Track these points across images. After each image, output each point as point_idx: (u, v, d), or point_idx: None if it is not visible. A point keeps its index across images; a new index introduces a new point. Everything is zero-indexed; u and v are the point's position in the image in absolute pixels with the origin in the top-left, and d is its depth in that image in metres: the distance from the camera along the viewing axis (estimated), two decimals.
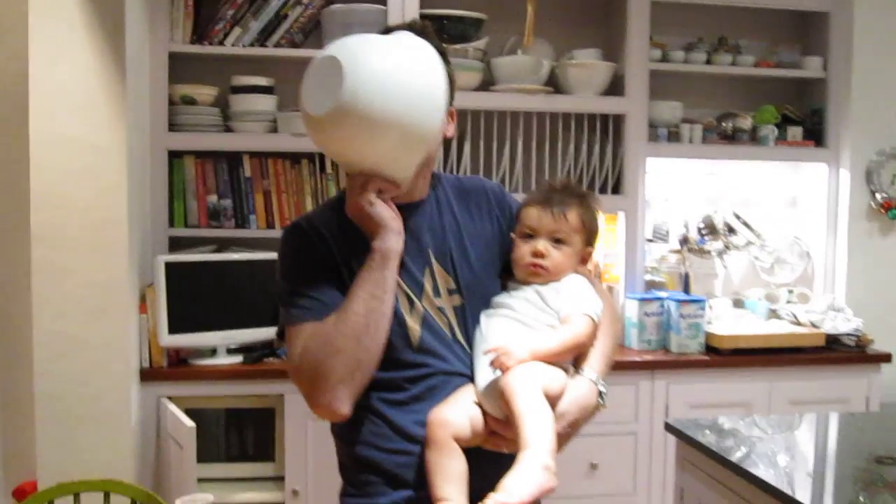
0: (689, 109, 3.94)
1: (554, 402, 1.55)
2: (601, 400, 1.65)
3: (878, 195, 3.94)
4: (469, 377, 1.65)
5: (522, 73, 3.64)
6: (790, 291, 3.98)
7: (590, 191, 1.82)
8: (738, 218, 3.97)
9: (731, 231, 3.95)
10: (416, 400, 1.62)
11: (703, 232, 3.95)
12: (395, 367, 1.63)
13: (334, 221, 1.70)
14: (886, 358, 3.67)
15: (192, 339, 3.26)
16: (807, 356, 3.63)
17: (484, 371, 1.60)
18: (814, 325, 3.73)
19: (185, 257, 3.32)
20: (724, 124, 3.95)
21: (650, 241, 3.95)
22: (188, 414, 2.94)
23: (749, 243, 3.96)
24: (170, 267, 3.20)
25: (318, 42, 3.58)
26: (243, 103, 3.52)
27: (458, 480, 1.53)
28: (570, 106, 3.70)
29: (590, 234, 1.76)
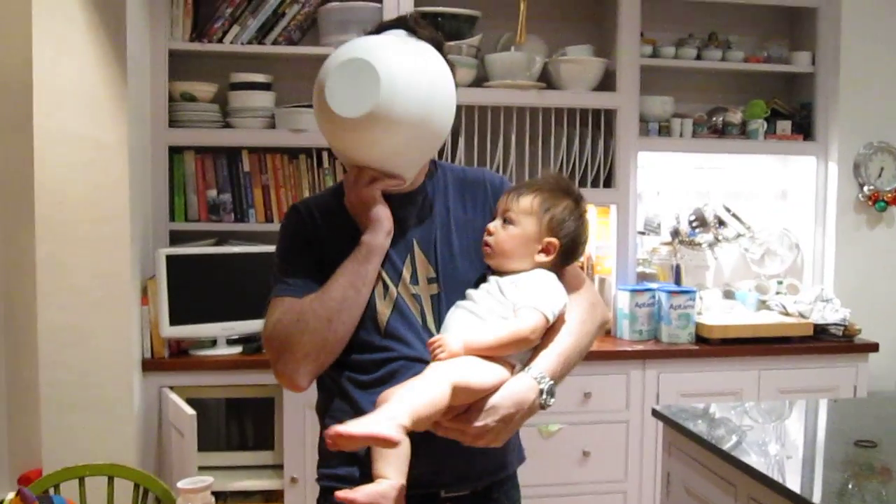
0: (679, 104, 4.00)
1: (480, 396, 1.56)
2: (545, 398, 1.62)
3: (866, 188, 4.01)
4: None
5: (515, 70, 3.70)
6: (780, 282, 4.04)
7: (576, 192, 1.78)
8: (728, 210, 4.04)
9: (722, 223, 4.01)
10: (379, 383, 1.66)
11: (694, 224, 4.02)
12: (363, 349, 1.69)
13: (331, 207, 1.77)
14: (874, 347, 3.74)
15: (192, 331, 3.32)
16: (795, 346, 3.70)
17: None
18: (802, 316, 3.79)
19: (185, 250, 3.38)
20: (714, 119, 4.01)
21: (642, 233, 4.01)
22: (189, 403, 3.01)
23: (739, 235, 4.03)
24: (171, 260, 3.27)
25: (315, 39, 3.65)
26: (242, 100, 3.58)
27: (397, 461, 1.53)
28: (563, 101, 3.76)
29: (553, 225, 1.71)
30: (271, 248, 1.84)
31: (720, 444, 2.31)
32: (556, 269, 1.75)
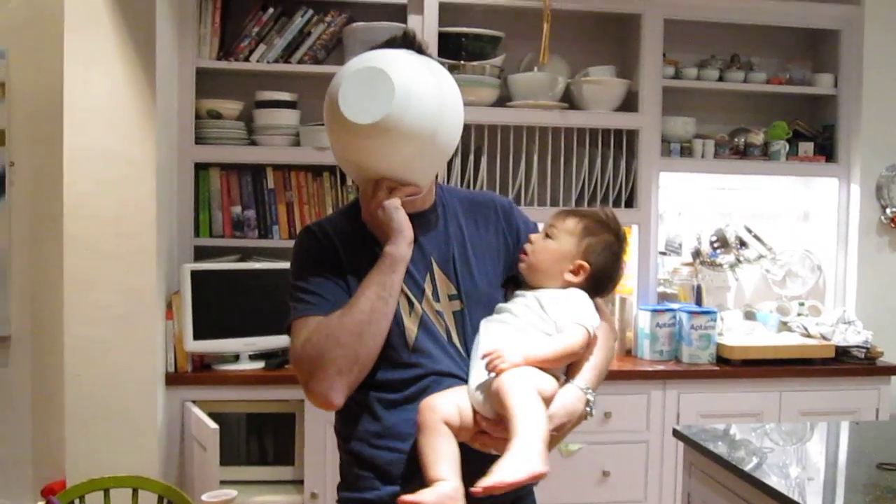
0: (701, 125, 4.02)
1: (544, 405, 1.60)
2: (589, 409, 1.69)
3: (889, 210, 3.99)
4: (462, 379, 1.70)
5: (538, 90, 3.73)
6: (801, 304, 4.03)
7: (620, 232, 1.83)
8: (749, 232, 4.04)
9: (743, 244, 4.01)
10: (409, 400, 1.67)
11: (716, 245, 4.01)
12: (392, 367, 1.69)
13: (345, 227, 1.78)
14: (895, 370, 3.72)
15: (215, 345, 3.35)
16: (817, 368, 3.68)
17: (477, 372, 1.65)
18: (824, 338, 3.78)
19: (210, 266, 3.42)
20: (736, 140, 4.02)
21: (663, 253, 4.02)
22: (211, 418, 3.03)
23: (760, 256, 4.02)
24: (195, 275, 3.31)
25: (340, 58, 3.68)
26: (267, 117, 3.63)
27: (450, 460, 1.55)
28: (585, 121, 3.78)
29: (587, 251, 1.77)
30: None
31: (741, 465, 2.30)
32: None
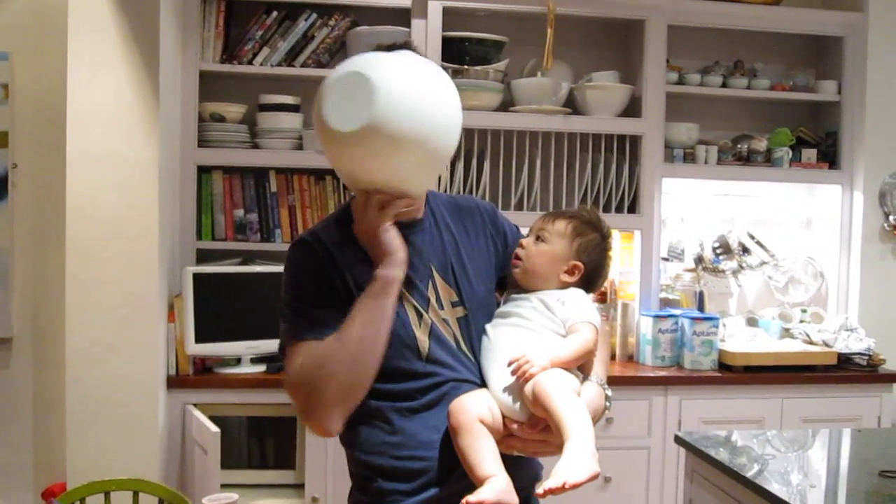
0: (704, 131, 4.01)
1: None
2: (608, 403, 1.73)
3: (891, 217, 3.98)
4: (477, 385, 1.71)
5: (541, 95, 3.73)
6: (804, 311, 4.02)
7: (605, 229, 1.86)
8: (752, 238, 4.03)
9: (746, 251, 4.00)
10: (428, 407, 1.67)
11: (718, 251, 4.01)
12: (406, 377, 1.68)
13: (339, 237, 1.72)
14: None
15: (217, 349, 3.35)
16: (819, 375, 3.68)
17: (502, 377, 1.66)
18: (826, 345, 3.77)
19: (212, 269, 3.42)
20: (739, 146, 4.02)
21: (665, 259, 4.01)
22: (212, 421, 3.03)
23: (763, 263, 4.01)
24: (197, 278, 3.31)
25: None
26: (270, 121, 3.63)
27: (495, 456, 1.58)
28: (588, 127, 3.77)
29: (580, 251, 1.80)
30: None
31: (743, 471, 2.30)
32: None
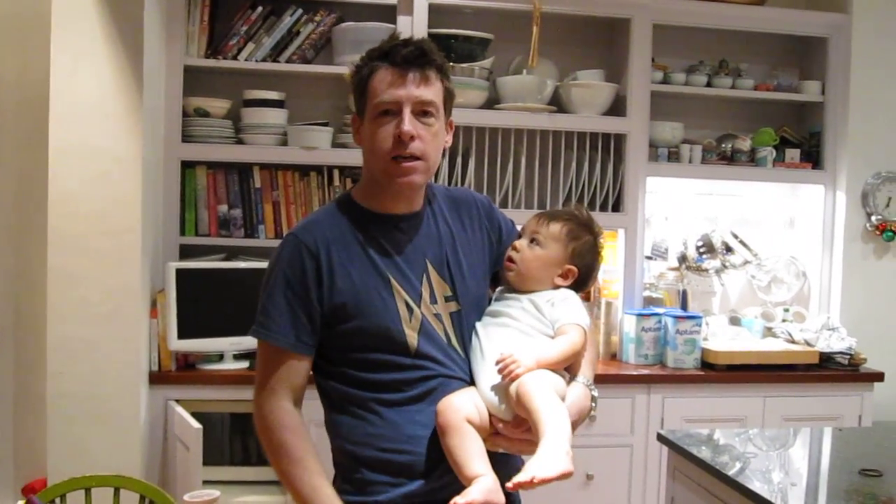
0: (689, 130, 4.02)
1: None
2: (594, 404, 1.75)
3: (874, 217, 4.01)
4: (466, 382, 1.72)
5: (526, 93, 3.73)
6: (786, 310, 4.04)
7: (597, 230, 1.89)
8: (735, 237, 4.04)
9: (729, 250, 4.01)
10: (415, 401, 1.68)
11: (702, 250, 4.02)
12: (393, 369, 1.69)
13: (333, 230, 1.73)
14: (879, 377, 3.73)
15: (200, 345, 3.33)
16: (801, 374, 3.69)
17: (490, 376, 1.67)
18: (808, 344, 3.79)
19: (195, 265, 3.40)
20: (723, 145, 4.03)
21: (649, 258, 4.02)
22: (195, 417, 3.01)
23: (746, 262, 4.03)
24: (180, 274, 3.29)
25: (329, 58, 3.68)
26: (255, 116, 3.61)
27: (482, 456, 1.60)
28: (573, 125, 3.78)
29: (575, 255, 1.82)
30: None
31: (725, 469, 2.31)
32: None
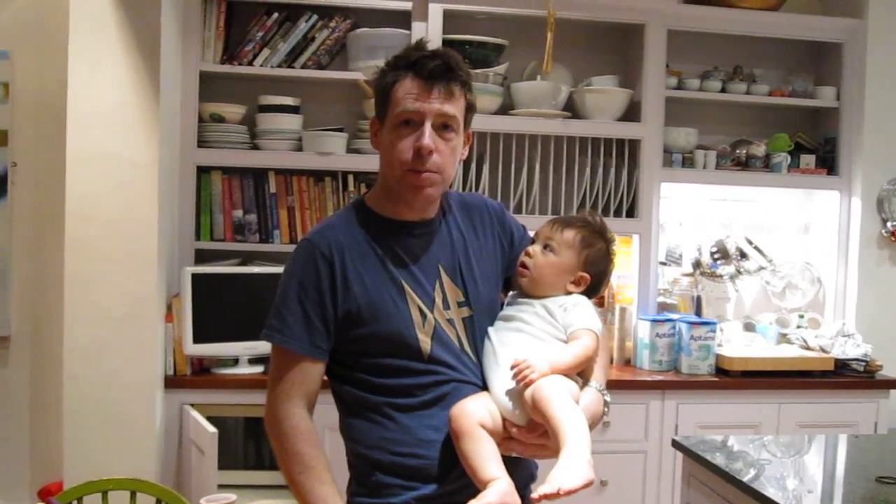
0: (703, 136, 4.02)
1: None
2: (606, 409, 1.75)
3: (889, 223, 3.99)
4: (478, 387, 1.73)
5: (541, 98, 3.73)
6: (801, 316, 4.03)
7: (610, 237, 1.89)
8: (750, 243, 4.03)
9: (744, 256, 4.00)
10: (427, 405, 1.69)
11: (716, 256, 4.01)
12: (406, 374, 1.70)
13: (347, 237, 1.74)
14: (895, 384, 3.72)
15: (215, 349, 3.35)
16: (816, 380, 3.68)
17: (504, 380, 1.68)
18: (823, 350, 3.78)
19: (210, 269, 3.42)
20: (737, 151, 4.02)
21: (663, 263, 4.02)
22: (210, 421, 3.03)
23: (761, 268, 4.02)
24: (196, 278, 3.31)
25: (344, 64, 3.69)
26: (270, 122, 3.62)
27: (497, 459, 1.61)
28: (587, 131, 3.78)
29: (587, 262, 1.82)
30: None
31: (739, 476, 2.30)
32: None
